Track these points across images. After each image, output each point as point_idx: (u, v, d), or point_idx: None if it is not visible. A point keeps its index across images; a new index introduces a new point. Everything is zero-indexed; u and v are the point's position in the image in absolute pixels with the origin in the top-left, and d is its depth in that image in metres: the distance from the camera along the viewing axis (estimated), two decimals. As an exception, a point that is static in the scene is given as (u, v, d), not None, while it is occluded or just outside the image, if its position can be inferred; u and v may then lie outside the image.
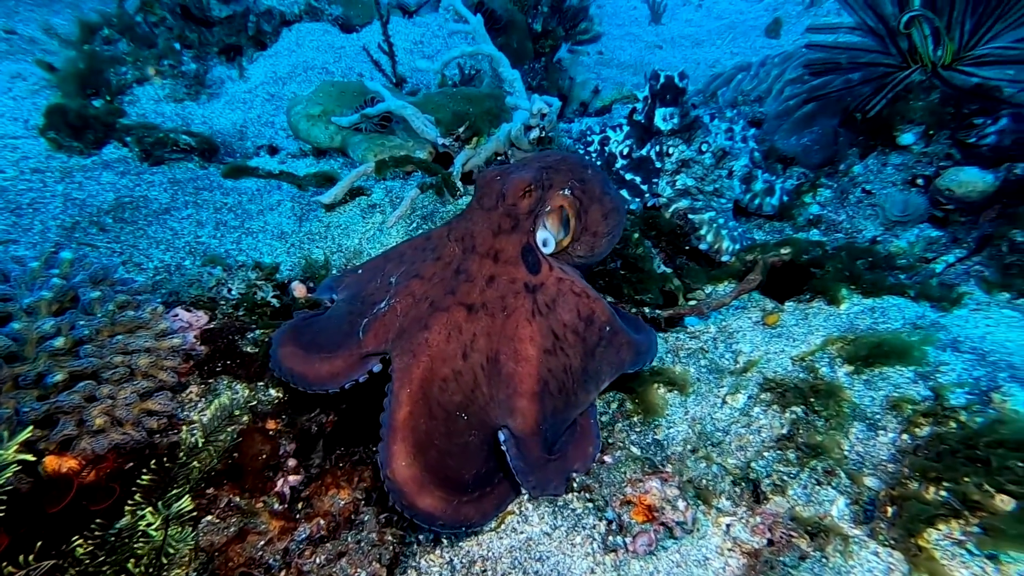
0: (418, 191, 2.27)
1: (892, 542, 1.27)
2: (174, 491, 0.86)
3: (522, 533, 1.43)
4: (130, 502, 0.87)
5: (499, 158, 2.88)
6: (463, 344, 1.37)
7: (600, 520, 1.44)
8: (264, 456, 1.10)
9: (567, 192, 1.53)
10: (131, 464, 1.02)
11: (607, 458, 1.60)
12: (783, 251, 2.21)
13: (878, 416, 1.60)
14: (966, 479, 1.27)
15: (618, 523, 1.41)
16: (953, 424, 1.48)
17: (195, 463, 0.84)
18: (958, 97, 2.21)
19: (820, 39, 2.55)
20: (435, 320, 1.37)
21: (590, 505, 1.48)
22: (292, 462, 1.20)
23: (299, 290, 1.51)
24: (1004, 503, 1.19)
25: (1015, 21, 2.05)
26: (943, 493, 1.27)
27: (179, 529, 0.82)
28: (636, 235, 2.15)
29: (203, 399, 1.13)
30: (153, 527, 0.78)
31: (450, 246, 1.53)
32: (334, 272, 2.08)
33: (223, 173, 2.31)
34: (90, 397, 1.05)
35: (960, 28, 2.15)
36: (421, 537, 1.42)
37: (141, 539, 0.79)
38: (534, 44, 3.69)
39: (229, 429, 0.98)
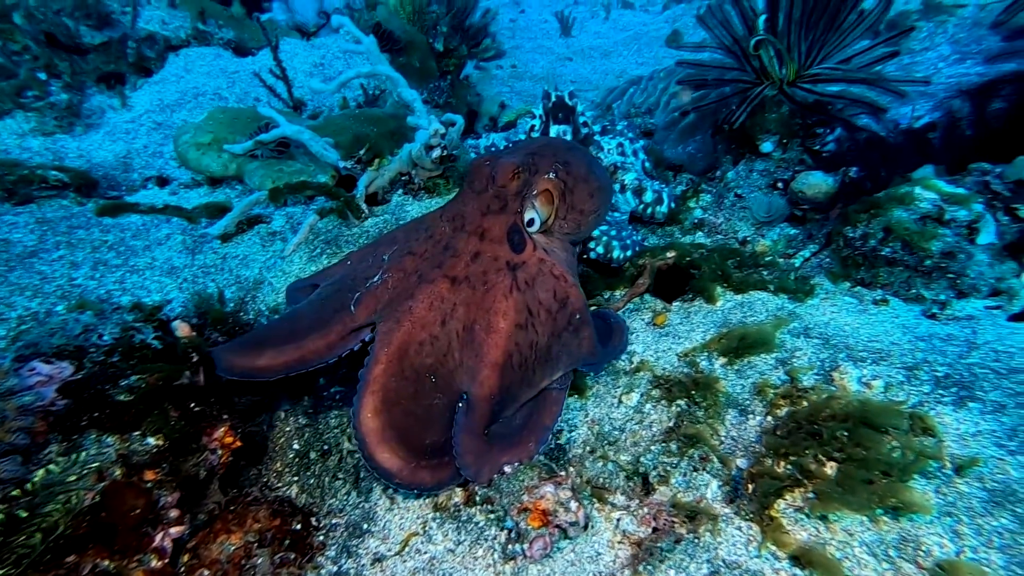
0: (317, 217, 2.26)
1: (751, 515, 1.43)
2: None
3: (426, 553, 1.47)
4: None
5: (403, 178, 2.92)
6: (443, 312, 1.47)
7: (501, 530, 1.51)
8: (138, 511, 1.07)
9: (552, 175, 1.65)
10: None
11: (507, 468, 1.67)
12: (668, 255, 2.40)
13: (748, 402, 1.79)
14: (807, 452, 1.46)
15: (516, 531, 1.48)
16: (804, 403, 1.68)
17: (23, 538, 0.81)
18: (802, 110, 2.50)
19: (689, 56, 2.80)
20: (420, 290, 1.48)
21: (491, 516, 1.55)
22: (174, 512, 1.17)
23: (183, 329, 1.47)
24: (831, 470, 1.38)
25: (836, 47, 2.37)
26: (789, 467, 1.45)
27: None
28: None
29: (66, 458, 1.08)
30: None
31: (441, 226, 1.63)
32: (230, 305, 2.03)
33: (96, 211, 2.17)
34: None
35: (798, 50, 2.44)
36: (323, 572, 1.43)
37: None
38: (438, 63, 3.75)
39: (78, 490, 0.95)
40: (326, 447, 1.78)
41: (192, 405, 1.34)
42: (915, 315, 1.89)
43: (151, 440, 1.23)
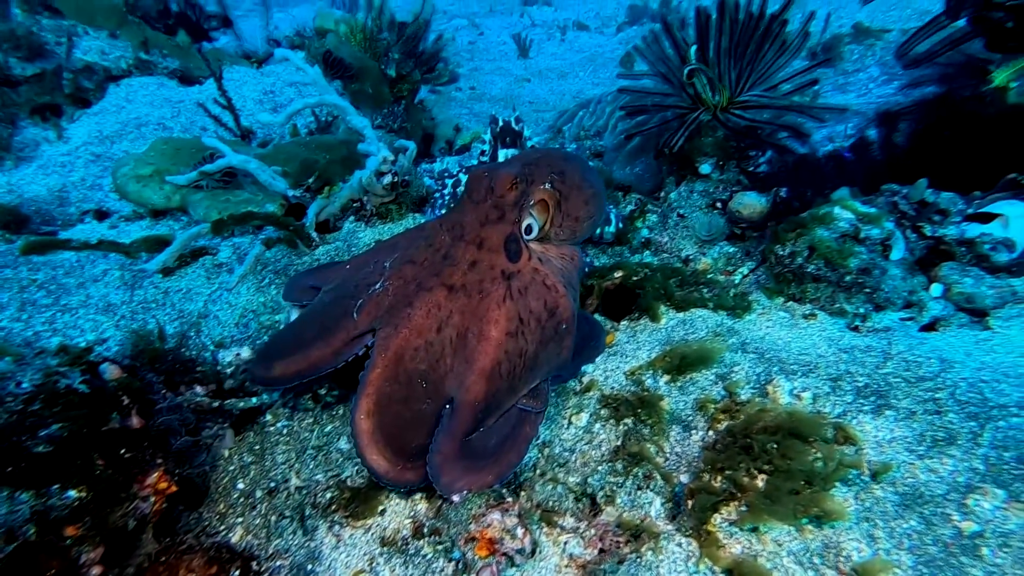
0: (264, 247, 2.24)
1: (690, 531, 1.48)
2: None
3: (374, 591, 1.46)
4: None
5: (354, 204, 2.92)
6: (440, 319, 1.54)
7: (448, 562, 1.51)
8: (54, 572, 1.03)
9: (547, 186, 1.71)
10: None
11: (455, 497, 1.68)
12: (616, 275, 2.47)
13: (690, 417, 1.85)
14: (740, 465, 1.52)
15: (463, 562, 1.49)
16: (742, 416, 1.76)
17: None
18: (735, 135, 2.65)
19: (629, 83, 2.92)
20: (419, 298, 1.55)
21: (439, 548, 1.55)
22: (96, 570, 1.13)
23: (112, 371, 1.43)
24: (761, 482, 1.45)
25: (763, 75, 2.53)
26: (724, 481, 1.51)
27: None
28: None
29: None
30: None
31: (441, 235, 1.68)
32: (171, 342, 1.98)
33: (22, 249, 2.08)
34: None
35: (728, 79, 2.59)
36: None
37: None
38: (391, 88, 3.79)
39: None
40: (273, 484, 1.75)
41: (122, 451, 1.30)
42: (840, 328, 2.01)
43: (72, 493, 1.18)
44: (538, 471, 1.80)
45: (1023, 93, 1.97)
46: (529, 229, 1.71)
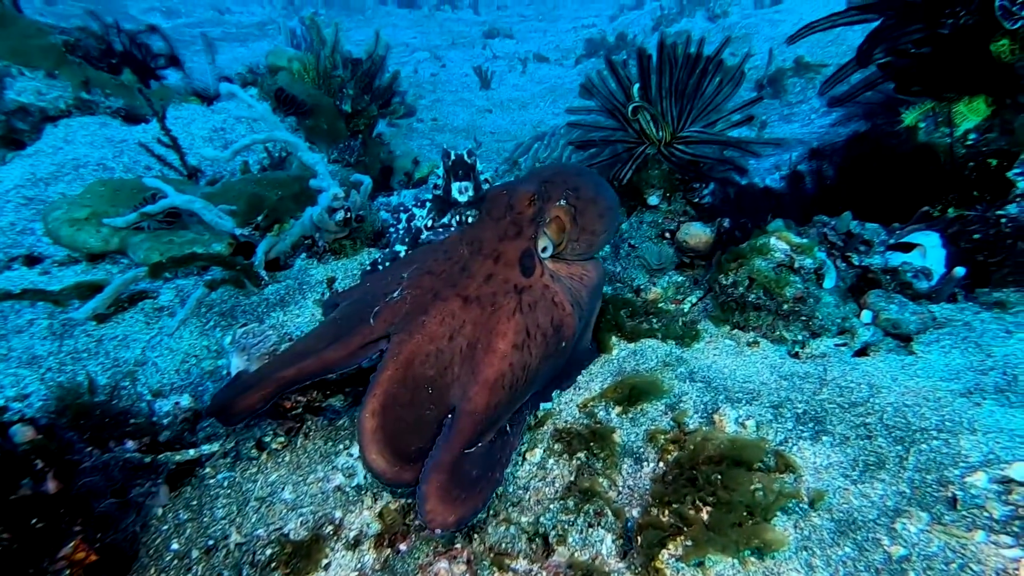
0: (207, 289, 2.18)
1: (639, 569, 1.47)
2: None
3: (315, 652, 1.39)
4: None
5: (306, 241, 2.89)
6: (452, 328, 1.59)
7: (395, 615, 1.45)
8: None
9: (563, 202, 1.78)
10: None
11: (402, 546, 1.63)
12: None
13: (641, 449, 1.86)
14: (686, 498, 1.54)
15: (409, 615, 1.44)
16: (691, 446, 1.78)
17: None
18: (679, 167, 2.76)
19: (577, 119, 3.02)
20: (434, 307, 1.60)
21: (386, 602, 1.49)
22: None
23: (25, 433, 1.34)
24: (705, 515, 1.46)
25: (702, 113, 2.66)
26: (671, 515, 1.52)
27: None
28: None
29: None
30: None
31: (460, 248, 1.76)
32: (103, 394, 1.89)
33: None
34: None
35: (671, 116, 2.72)
36: None
37: None
38: (347, 123, 3.80)
39: None
40: (211, 542, 1.66)
41: (33, 521, 1.22)
42: (781, 355, 2.08)
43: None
44: (491, 511, 1.77)
45: (931, 132, 2.14)
46: (544, 249, 1.79)
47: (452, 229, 2.94)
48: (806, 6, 8.95)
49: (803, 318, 2.01)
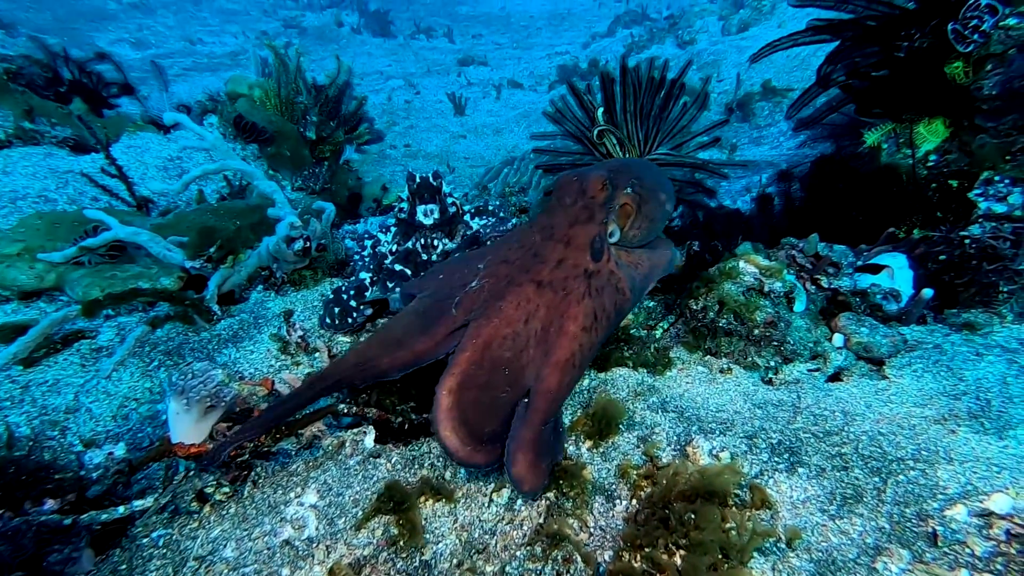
0: (148, 328, 2.03)
1: (610, 624, 1.36)
2: None
3: None
4: None
5: (263, 272, 2.76)
6: (528, 312, 1.67)
7: None
8: None
9: (629, 191, 1.86)
10: None
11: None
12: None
13: (613, 486, 1.76)
14: (658, 541, 1.44)
15: None
16: (663, 481, 1.69)
17: None
18: (647, 191, 2.73)
19: (543, 144, 2.99)
20: (510, 292, 1.70)
21: (332, 672, 1.35)
22: None
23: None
24: (678, 559, 1.36)
25: (668, 135, 2.65)
26: (643, 561, 1.42)
27: None
28: (394, 345, 2.17)
29: None
30: None
31: (532, 235, 1.84)
32: (20, 451, 1.72)
33: None
34: None
35: (637, 139, 2.70)
36: None
37: None
38: (312, 150, 3.72)
39: None
40: (141, 610, 1.50)
41: (-87, 608, 1.06)
42: (754, 382, 2.01)
43: None
44: (455, 560, 1.64)
45: (893, 153, 2.15)
46: (612, 234, 1.85)
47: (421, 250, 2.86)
48: (771, 33, 9.30)
49: (775, 343, 1.95)
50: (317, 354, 2.45)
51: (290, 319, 2.50)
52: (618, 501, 1.71)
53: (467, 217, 2.99)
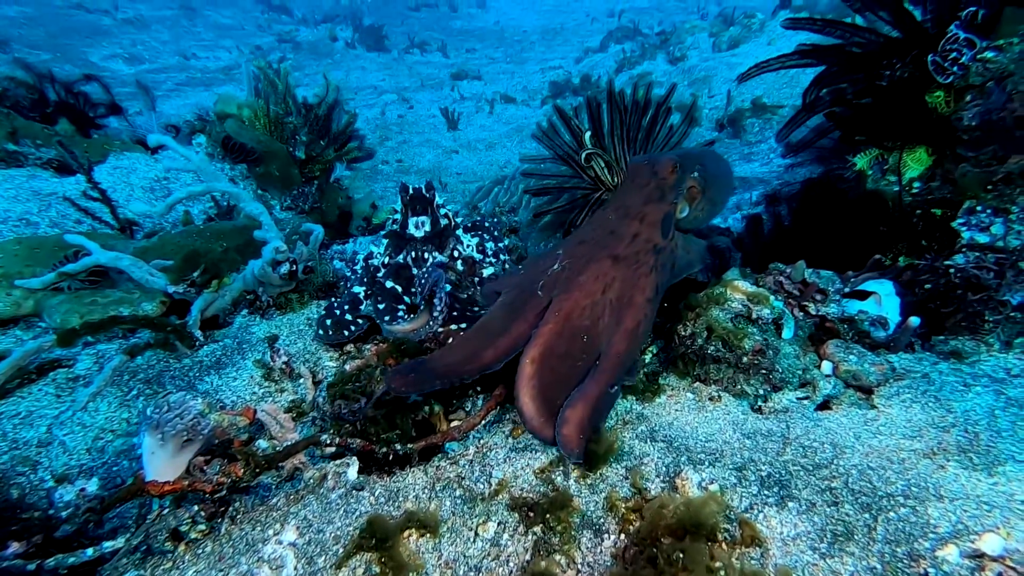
0: (126, 356, 1.99)
1: (595, 672, 1.31)
2: None
3: None
4: None
5: (248, 296, 2.72)
6: (604, 284, 1.83)
7: None
8: None
9: (696, 174, 2.01)
10: None
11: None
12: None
13: (601, 520, 1.72)
14: (646, 585, 1.40)
15: None
16: (650, 516, 1.65)
17: None
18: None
19: (530, 167, 2.99)
20: (588, 268, 1.85)
21: None
22: None
23: None
24: (667, 608, 1.32)
25: (655, 159, 2.65)
26: (629, 606, 1.38)
27: None
28: (378, 372, 2.13)
29: None
30: None
31: (608, 215, 2.01)
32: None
33: None
34: None
35: (624, 161, 2.70)
36: None
37: None
38: (302, 170, 3.70)
39: None
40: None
41: None
42: (744, 410, 1.99)
43: None
44: (439, 601, 1.60)
45: (878, 180, 2.16)
46: (682, 211, 2.01)
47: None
48: (761, 51, 9.43)
49: (763, 371, 1.93)
50: (302, 380, 2.40)
51: (274, 344, 2.46)
52: (606, 536, 1.68)
53: (459, 232, 2.96)
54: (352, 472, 1.96)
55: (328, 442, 2.00)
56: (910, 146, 2.07)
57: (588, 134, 2.66)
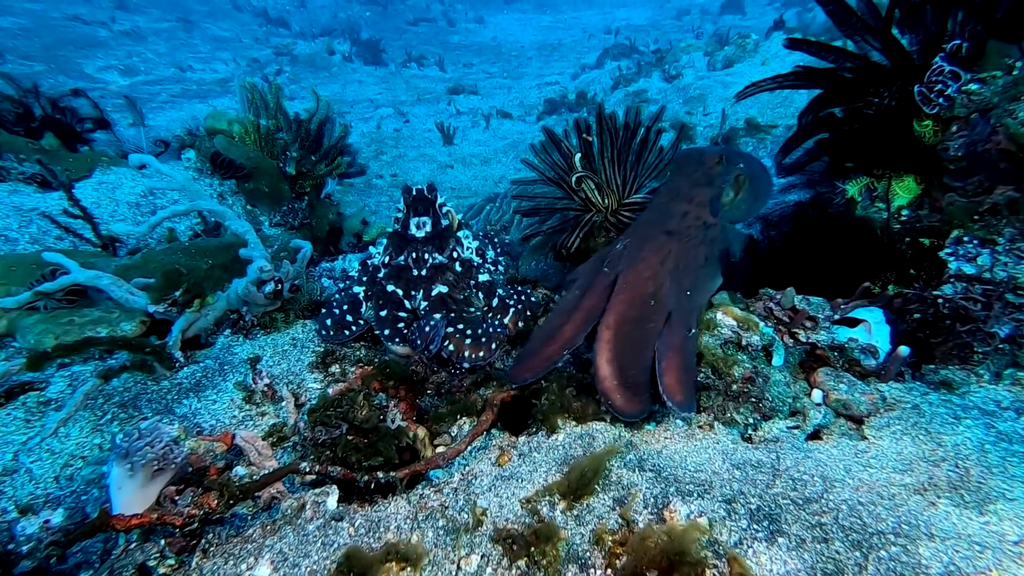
0: (100, 380, 1.93)
1: None
2: None
3: None
4: None
5: (232, 316, 2.67)
6: (663, 255, 2.09)
7: None
8: None
9: (741, 165, 2.29)
10: None
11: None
12: (514, 386, 2.34)
13: (587, 554, 1.67)
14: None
15: None
16: (634, 551, 1.60)
17: None
18: (627, 235, 2.70)
19: (520, 190, 2.97)
20: (647, 243, 2.13)
21: None
22: None
23: None
24: (650, 654, 1.27)
25: (647, 178, 2.65)
26: (613, 650, 1.32)
27: None
28: (360, 397, 2.08)
29: None
30: None
31: (660, 199, 2.32)
32: None
33: None
34: None
35: (616, 183, 2.69)
36: None
37: None
38: (292, 185, 3.67)
39: None
40: None
41: None
42: (734, 439, 1.95)
43: None
44: (419, 641, 1.54)
45: (867, 207, 2.15)
46: (728, 195, 2.25)
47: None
48: (755, 71, 9.55)
49: (753, 399, 1.90)
50: (284, 403, 2.35)
51: (256, 366, 2.41)
52: (592, 570, 1.62)
53: (461, 233, 2.92)
54: (332, 501, 1.90)
55: (308, 470, 1.95)
56: (898, 174, 2.07)
57: (578, 156, 2.65)
